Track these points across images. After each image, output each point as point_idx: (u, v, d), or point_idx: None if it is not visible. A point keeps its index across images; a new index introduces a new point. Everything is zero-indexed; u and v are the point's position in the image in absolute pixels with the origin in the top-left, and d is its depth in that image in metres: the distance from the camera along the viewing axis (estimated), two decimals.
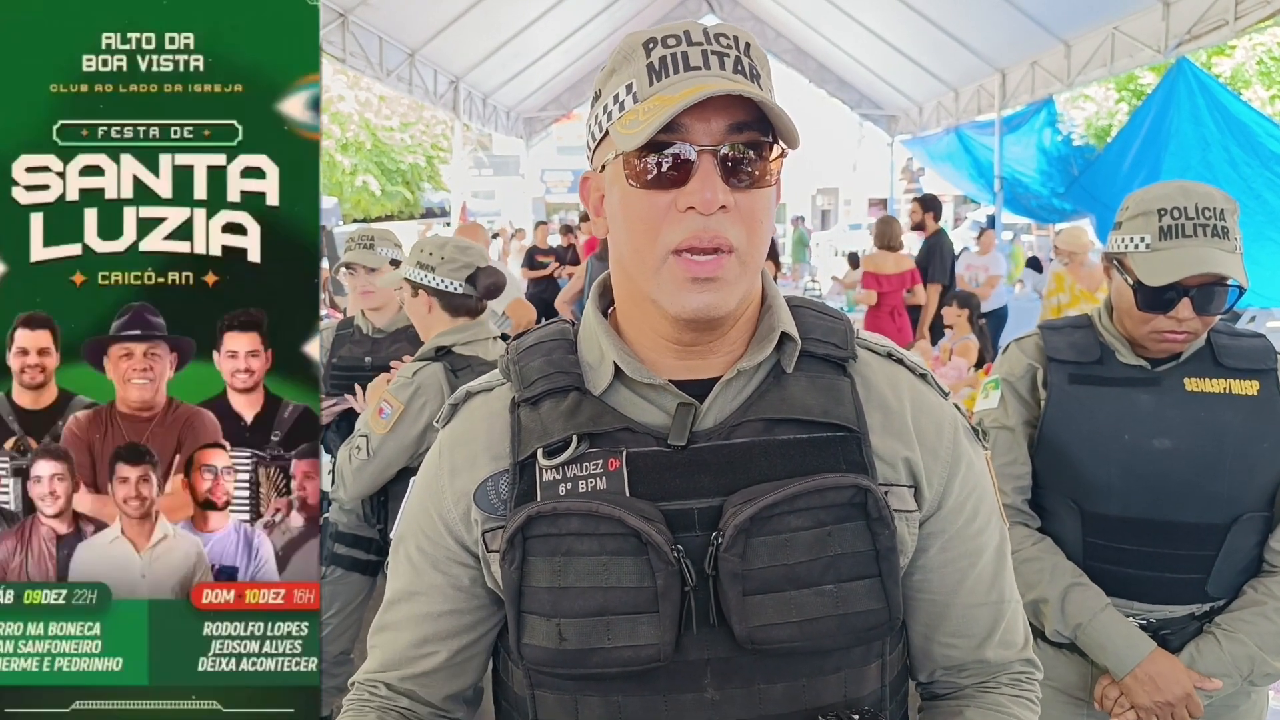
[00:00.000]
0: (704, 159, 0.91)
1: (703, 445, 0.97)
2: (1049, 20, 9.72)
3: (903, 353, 1.08)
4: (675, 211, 0.92)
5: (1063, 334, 1.89)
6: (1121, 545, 1.80)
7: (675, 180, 0.91)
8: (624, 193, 0.95)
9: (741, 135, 0.92)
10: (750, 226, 0.93)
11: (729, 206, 0.91)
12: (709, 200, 0.90)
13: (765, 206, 0.94)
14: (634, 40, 0.96)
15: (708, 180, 0.90)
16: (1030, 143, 11.35)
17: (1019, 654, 1.10)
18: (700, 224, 0.91)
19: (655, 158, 0.92)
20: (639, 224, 0.94)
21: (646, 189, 0.93)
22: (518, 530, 0.95)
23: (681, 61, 0.92)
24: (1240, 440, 1.74)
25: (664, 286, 0.93)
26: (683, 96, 0.88)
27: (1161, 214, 1.73)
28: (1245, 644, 1.75)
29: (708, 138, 0.91)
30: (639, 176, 0.93)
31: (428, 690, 1.08)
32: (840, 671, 0.98)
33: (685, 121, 0.90)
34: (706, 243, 0.91)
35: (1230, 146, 7.17)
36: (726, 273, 0.92)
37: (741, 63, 0.93)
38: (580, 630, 0.94)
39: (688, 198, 0.91)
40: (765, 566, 0.93)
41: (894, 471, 1.00)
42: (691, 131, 0.91)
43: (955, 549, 1.04)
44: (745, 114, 0.91)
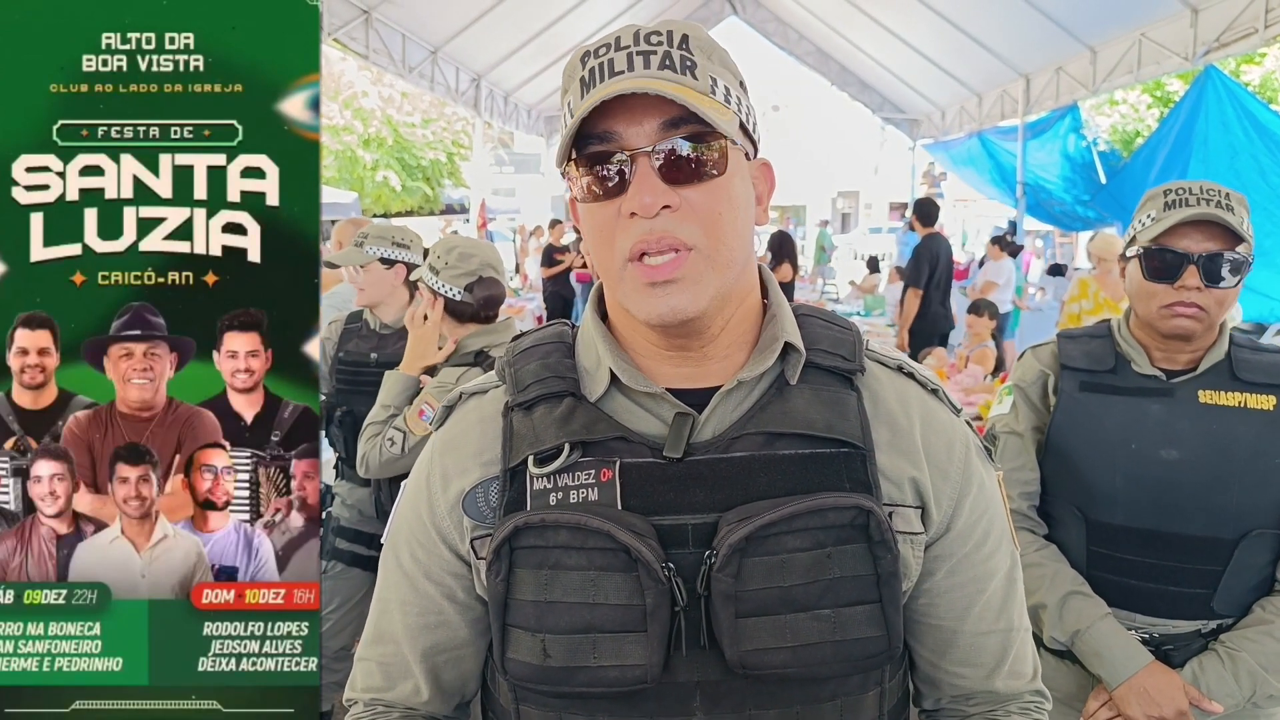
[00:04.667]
0: (639, 162, 0.89)
1: (699, 458, 0.93)
2: (1075, 25, 9.64)
3: (914, 366, 1.04)
4: (623, 219, 0.90)
5: (1079, 342, 1.89)
6: (1125, 555, 1.78)
7: (616, 188, 0.90)
8: (582, 209, 0.94)
9: (678, 131, 0.89)
10: (708, 221, 0.90)
11: (675, 205, 0.88)
12: (647, 204, 0.87)
13: (724, 198, 0.91)
14: (575, 56, 0.95)
15: (644, 183, 0.88)
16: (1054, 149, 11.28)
17: (1029, 684, 1.06)
18: (645, 227, 0.88)
19: (596, 169, 0.90)
20: (596, 236, 0.93)
21: (595, 202, 0.92)
22: (504, 541, 0.93)
23: (608, 68, 0.90)
24: (1251, 454, 1.72)
25: (629, 295, 0.91)
26: (587, 103, 0.87)
27: (1167, 193, 1.78)
28: (1249, 663, 1.72)
29: (641, 139, 0.89)
30: (587, 191, 0.92)
31: (428, 705, 1.05)
32: (836, 700, 0.94)
33: (617, 129, 0.89)
34: (656, 245, 0.88)
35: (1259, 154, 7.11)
36: (687, 271, 0.89)
37: (671, 57, 0.90)
38: (565, 647, 0.91)
39: (629, 204, 0.89)
40: (760, 588, 0.90)
41: (899, 491, 0.96)
42: (624, 137, 0.89)
43: (963, 574, 1.00)
44: (679, 109, 0.88)
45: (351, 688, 1.09)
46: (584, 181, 0.92)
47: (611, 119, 0.89)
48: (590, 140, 0.90)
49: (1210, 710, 1.73)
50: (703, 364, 0.97)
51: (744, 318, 0.98)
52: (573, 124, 0.88)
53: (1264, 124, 7.23)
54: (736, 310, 0.97)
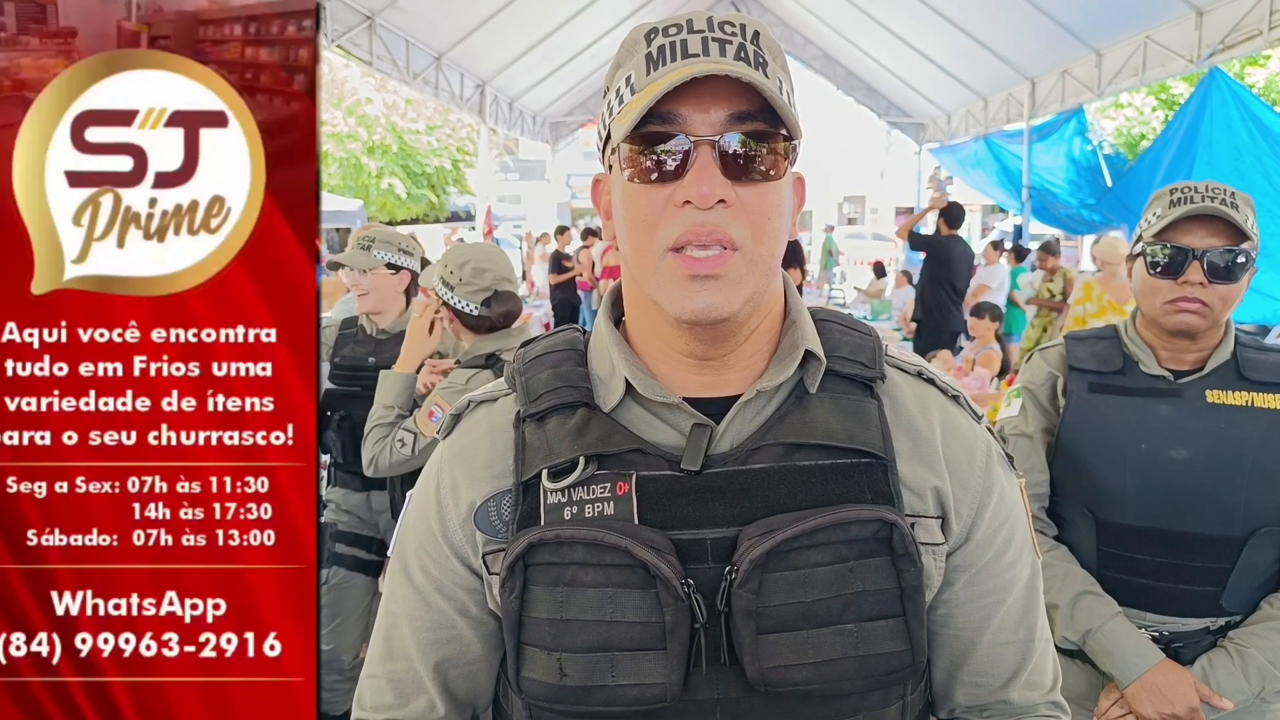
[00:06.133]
0: (701, 150, 0.85)
1: (718, 470, 0.90)
2: (1080, 29, 9.63)
3: (935, 372, 1.01)
4: (673, 207, 0.86)
5: (1086, 344, 1.90)
6: (1135, 555, 1.78)
7: (672, 174, 0.86)
8: (624, 189, 0.90)
9: (744, 125, 0.86)
10: (756, 223, 0.87)
11: (729, 201, 0.86)
12: (705, 194, 0.84)
13: (774, 202, 0.88)
14: (638, 31, 0.91)
15: (704, 173, 0.85)
16: (1060, 152, 11.27)
17: (1045, 696, 1.03)
18: (697, 219, 0.85)
19: (652, 151, 0.87)
20: (638, 221, 0.89)
21: (644, 184, 0.88)
22: (518, 558, 0.90)
23: (680, 49, 0.87)
24: (1260, 452, 1.73)
25: (663, 286, 0.88)
26: (667, 80, 0.84)
27: (1173, 192, 1.80)
28: (1258, 659, 1.72)
29: (706, 128, 0.86)
30: (636, 171, 0.88)
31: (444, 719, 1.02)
32: (858, 715, 0.91)
33: (683, 112, 0.86)
34: (704, 238, 0.85)
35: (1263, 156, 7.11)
36: (729, 270, 0.86)
37: (745, 50, 0.87)
38: (582, 666, 0.88)
39: (684, 191, 0.85)
40: (782, 604, 0.87)
41: (921, 502, 0.94)
42: (689, 122, 0.86)
43: (983, 584, 0.98)
44: (748, 103, 0.86)
45: (360, 706, 1.05)
46: (635, 161, 0.88)
47: (678, 102, 0.86)
48: (650, 119, 0.86)
49: (1220, 706, 1.73)
50: (722, 372, 0.94)
51: (767, 326, 0.96)
52: (646, 99, 0.84)
53: (1268, 126, 7.23)
54: (764, 319, 0.95)
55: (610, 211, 0.96)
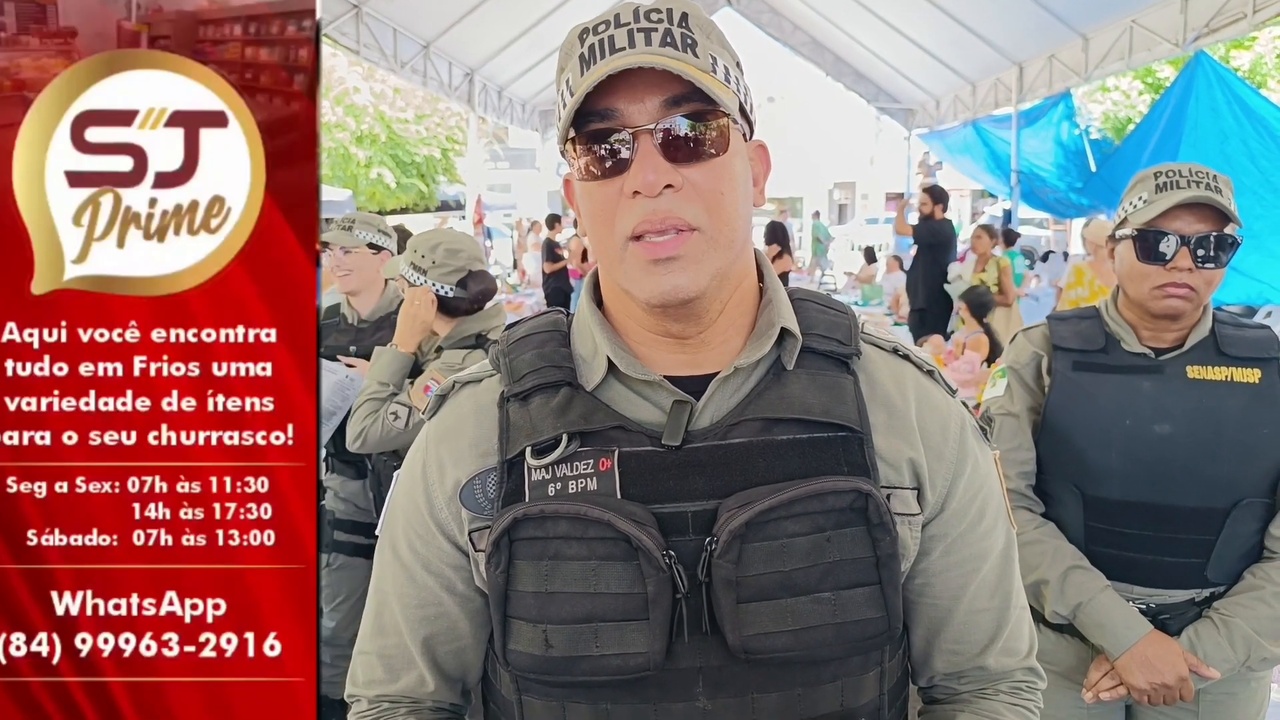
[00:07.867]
0: (641, 140, 0.88)
1: (698, 445, 0.93)
2: (1067, 13, 9.65)
3: (910, 348, 1.04)
4: (625, 198, 0.89)
5: (1069, 323, 1.93)
6: (1122, 529, 1.82)
7: (619, 167, 0.89)
8: (581, 188, 0.93)
9: (680, 109, 0.88)
10: (710, 201, 0.89)
11: (677, 185, 0.88)
12: (651, 182, 0.87)
13: (726, 178, 0.91)
14: (573, 33, 0.94)
15: (647, 161, 0.88)
16: (1048, 136, 11.30)
17: (1021, 662, 1.06)
18: (649, 207, 0.88)
19: (596, 148, 0.90)
20: (597, 216, 0.92)
21: (596, 180, 0.91)
22: (504, 533, 0.92)
23: (609, 45, 0.89)
24: (1240, 426, 1.77)
25: (630, 274, 0.91)
26: (588, 80, 0.86)
27: (1158, 175, 1.82)
28: (1243, 628, 1.76)
29: (643, 117, 0.88)
30: (586, 169, 0.91)
31: (434, 694, 1.05)
32: (837, 681, 0.95)
33: (619, 106, 0.88)
34: (658, 224, 0.88)
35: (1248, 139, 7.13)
36: (690, 250, 0.89)
37: (672, 34, 0.89)
38: (567, 637, 0.91)
39: (631, 182, 0.88)
40: (761, 573, 0.90)
41: (897, 474, 0.97)
42: (626, 115, 0.88)
43: (959, 553, 1.01)
44: (681, 87, 0.88)
45: (353, 682, 1.08)
46: (584, 160, 0.91)
47: (613, 96, 0.88)
48: (590, 118, 0.89)
49: (1208, 676, 1.76)
50: (700, 350, 0.97)
51: (740, 302, 0.98)
52: (574, 100, 0.87)
53: (1253, 109, 7.25)
54: (734, 293, 0.96)
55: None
